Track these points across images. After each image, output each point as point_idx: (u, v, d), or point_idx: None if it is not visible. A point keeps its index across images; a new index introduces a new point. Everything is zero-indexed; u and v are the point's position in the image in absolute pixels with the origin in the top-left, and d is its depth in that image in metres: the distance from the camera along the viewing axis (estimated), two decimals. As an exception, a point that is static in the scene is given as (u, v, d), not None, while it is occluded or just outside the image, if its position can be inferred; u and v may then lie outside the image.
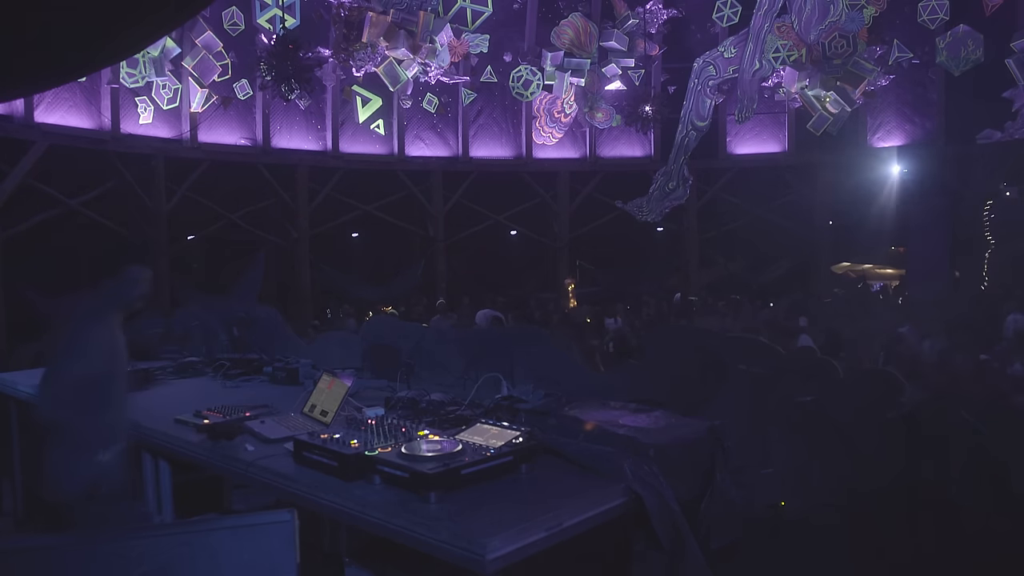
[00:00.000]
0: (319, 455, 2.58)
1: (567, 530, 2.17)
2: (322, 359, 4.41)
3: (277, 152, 15.04)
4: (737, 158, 16.72)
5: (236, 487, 4.03)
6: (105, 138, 12.96)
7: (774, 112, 16.24)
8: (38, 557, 1.85)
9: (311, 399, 3.25)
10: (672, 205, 16.36)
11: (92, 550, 1.89)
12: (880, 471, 2.44)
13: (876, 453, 2.47)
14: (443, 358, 3.92)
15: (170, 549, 1.89)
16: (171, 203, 14.14)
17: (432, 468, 2.27)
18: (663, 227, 17.57)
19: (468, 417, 2.94)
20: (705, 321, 9.96)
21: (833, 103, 15.12)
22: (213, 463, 2.96)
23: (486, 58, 15.78)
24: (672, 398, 2.89)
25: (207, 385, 4.39)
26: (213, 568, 1.90)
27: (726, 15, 15.63)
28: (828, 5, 14.74)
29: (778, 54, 15.29)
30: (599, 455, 2.49)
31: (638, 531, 2.37)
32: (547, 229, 17.64)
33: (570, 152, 17.07)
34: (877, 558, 2.39)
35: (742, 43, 15.59)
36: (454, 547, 2.01)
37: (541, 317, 11.58)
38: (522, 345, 3.56)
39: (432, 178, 16.63)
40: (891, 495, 2.39)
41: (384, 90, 15.30)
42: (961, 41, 14.02)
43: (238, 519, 2.05)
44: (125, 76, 12.94)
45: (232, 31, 14.02)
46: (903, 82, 15.27)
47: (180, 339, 5.67)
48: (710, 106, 16.05)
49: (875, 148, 15.72)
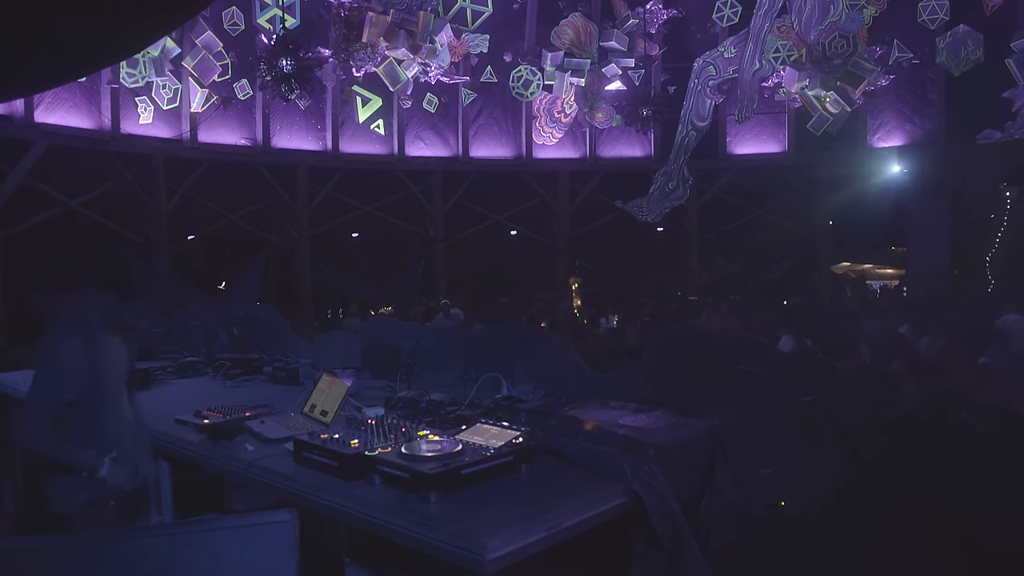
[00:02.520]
0: (319, 455, 2.58)
1: (567, 530, 2.17)
2: (322, 359, 4.41)
3: (277, 152, 15.04)
4: (737, 158, 16.72)
5: (236, 487, 4.03)
6: (105, 138, 12.96)
7: (774, 112, 16.24)
8: (40, 557, 1.85)
9: (311, 399, 3.25)
10: (672, 205, 16.36)
11: (93, 550, 1.89)
12: (880, 471, 2.44)
13: (876, 453, 2.47)
14: (443, 358, 3.92)
15: (170, 549, 1.89)
16: (171, 203, 14.14)
17: (432, 468, 2.27)
18: (663, 227, 17.57)
19: (468, 417, 2.94)
20: (711, 323, 9.94)
21: (833, 103, 15.12)
22: (213, 463, 2.96)
23: (486, 58, 15.78)
24: (672, 398, 2.89)
25: (207, 385, 4.39)
26: (213, 568, 1.90)
27: (726, 15, 15.63)
28: (828, 5, 14.73)
29: (778, 54, 15.29)
30: (599, 455, 2.49)
31: (638, 531, 2.37)
32: (547, 229, 17.63)
33: (570, 152, 17.07)
34: (877, 558, 2.39)
35: (742, 43, 15.59)
36: (454, 547, 2.01)
37: (548, 319, 11.62)
38: (522, 345, 3.56)
39: (432, 178, 16.63)
40: (891, 495, 2.39)
41: (384, 90, 15.30)
42: (961, 41, 14.02)
43: (238, 519, 2.05)
44: (125, 76, 12.94)
45: (232, 31, 14.02)
46: (903, 82, 15.26)
47: (180, 339, 5.67)
48: (710, 106, 16.05)
49: (875, 148, 15.72)
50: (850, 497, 2.45)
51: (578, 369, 3.37)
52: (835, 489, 2.50)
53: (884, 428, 2.46)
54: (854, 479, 2.47)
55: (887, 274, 19.37)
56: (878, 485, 2.42)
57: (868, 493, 2.42)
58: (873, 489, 2.42)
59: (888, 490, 2.40)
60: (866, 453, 2.49)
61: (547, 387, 3.27)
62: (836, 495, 2.48)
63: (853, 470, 2.49)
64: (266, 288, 15.35)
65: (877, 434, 2.47)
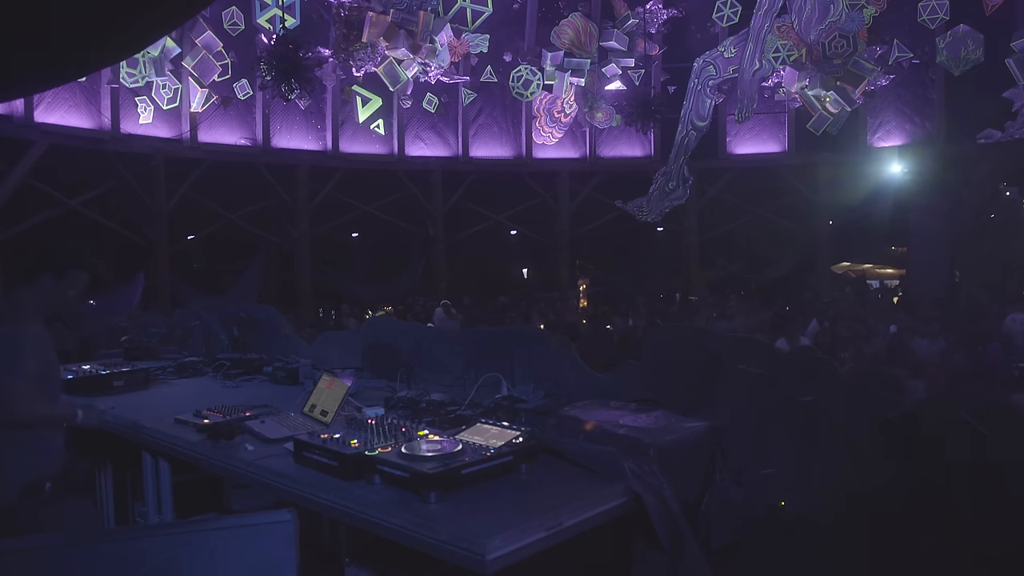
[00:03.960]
0: (319, 455, 2.57)
1: (567, 530, 2.17)
2: (322, 359, 4.41)
3: (277, 152, 15.05)
4: (737, 158, 16.72)
5: (236, 487, 4.02)
6: (105, 138, 12.97)
7: (774, 112, 16.25)
8: (38, 557, 1.85)
9: (311, 399, 3.25)
10: (672, 205, 16.37)
11: (92, 550, 1.89)
12: (880, 471, 2.44)
13: (876, 453, 2.47)
14: (443, 358, 3.92)
15: (170, 549, 1.89)
16: (171, 203, 14.15)
17: (432, 468, 2.27)
18: (663, 227, 17.58)
19: (468, 417, 2.93)
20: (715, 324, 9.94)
21: (833, 103, 15.12)
22: (213, 463, 2.96)
23: (486, 58, 15.78)
24: (672, 398, 2.89)
25: (207, 385, 4.38)
26: (213, 568, 1.90)
27: (726, 15, 15.64)
28: (828, 5, 14.74)
29: (778, 54, 15.30)
30: (599, 455, 2.49)
31: (638, 531, 2.37)
32: (547, 229, 17.64)
33: (570, 152, 17.07)
34: (877, 558, 2.39)
35: (742, 43, 15.60)
36: (454, 547, 2.01)
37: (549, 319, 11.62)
38: (522, 345, 3.56)
39: (432, 178, 16.63)
40: (891, 495, 2.39)
41: (384, 90, 15.30)
42: (961, 41, 14.02)
43: (238, 519, 2.05)
44: (125, 76, 12.95)
45: (232, 31, 14.03)
46: (903, 82, 15.27)
47: (180, 339, 5.67)
48: (710, 106, 16.05)
49: (875, 148, 15.73)
50: (850, 497, 2.45)
51: (578, 369, 3.36)
52: (835, 489, 2.50)
53: (884, 428, 2.45)
54: (854, 479, 2.47)
55: (887, 274, 19.38)
56: (878, 485, 2.42)
57: (868, 493, 2.42)
58: (873, 489, 2.42)
59: (888, 490, 2.39)
60: (866, 453, 2.48)
61: (547, 387, 3.27)
62: (836, 495, 2.48)
63: (853, 470, 2.49)
64: (266, 288, 15.37)
65: (877, 434, 2.47)
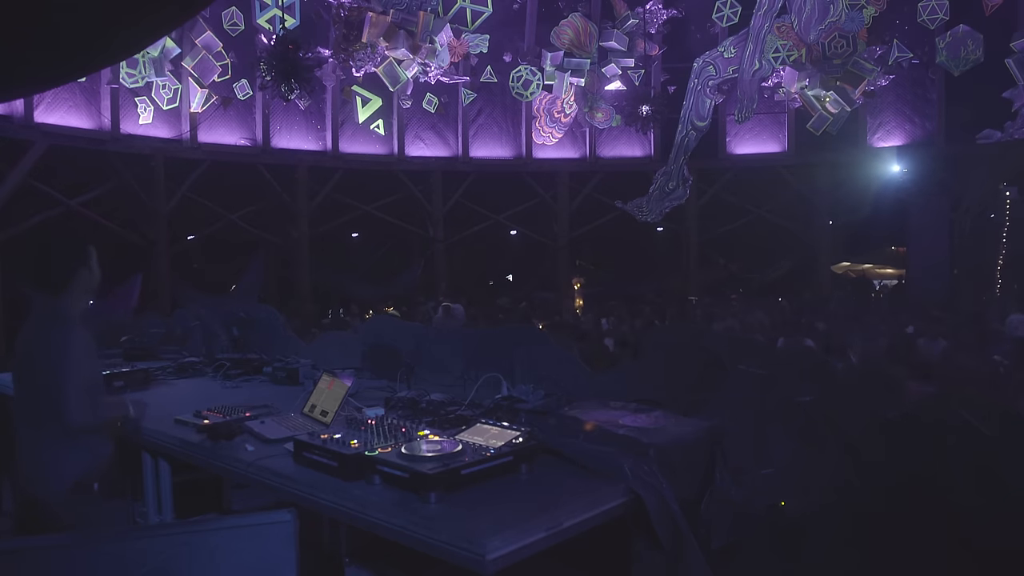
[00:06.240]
0: (319, 455, 2.57)
1: (567, 530, 2.17)
2: (322, 359, 4.41)
3: (277, 152, 15.04)
4: (737, 158, 16.72)
5: (236, 487, 4.02)
6: (105, 138, 12.96)
7: (774, 112, 16.24)
8: (39, 557, 1.85)
9: (311, 399, 3.25)
10: (672, 205, 16.37)
11: (92, 550, 1.89)
12: (880, 471, 2.44)
13: (876, 453, 2.47)
14: (443, 358, 3.92)
15: (170, 549, 1.88)
16: (171, 203, 14.14)
17: (432, 468, 2.27)
18: (663, 227, 17.58)
19: (468, 417, 2.93)
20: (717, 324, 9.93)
21: (833, 103, 15.12)
22: (213, 463, 2.96)
23: (486, 58, 15.78)
24: (672, 398, 2.89)
25: (207, 385, 4.38)
26: (213, 568, 1.90)
27: (726, 15, 15.64)
28: (828, 5, 14.74)
29: (778, 54, 15.30)
30: (599, 455, 2.49)
31: (638, 531, 2.37)
32: (547, 229, 17.64)
33: (570, 152, 17.07)
34: (877, 558, 2.39)
35: (742, 43, 15.60)
36: (454, 547, 2.01)
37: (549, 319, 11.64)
38: (522, 345, 3.56)
39: (432, 178, 16.63)
40: (891, 495, 2.39)
41: (384, 90, 15.30)
42: (961, 41, 14.02)
43: (238, 519, 2.05)
44: (125, 76, 12.94)
45: (232, 31, 14.03)
46: (903, 82, 15.27)
47: (180, 339, 5.67)
48: (710, 106, 16.05)
49: (875, 148, 15.73)
50: (850, 497, 2.45)
51: (578, 369, 3.36)
52: (835, 489, 2.50)
53: (884, 428, 2.45)
54: (854, 479, 2.47)
55: (887, 274, 19.38)
56: (878, 485, 2.42)
57: (868, 493, 2.42)
58: (873, 489, 2.42)
59: (888, 490, 2.39)
60: (866, 453, 2.48)
61: (547, 387, 3.27)
62: (836, 495, 2.48)
63: (853, 470, 2.49)
64: (266, 288, 15.37)
65: (877, 434, 2.47)
